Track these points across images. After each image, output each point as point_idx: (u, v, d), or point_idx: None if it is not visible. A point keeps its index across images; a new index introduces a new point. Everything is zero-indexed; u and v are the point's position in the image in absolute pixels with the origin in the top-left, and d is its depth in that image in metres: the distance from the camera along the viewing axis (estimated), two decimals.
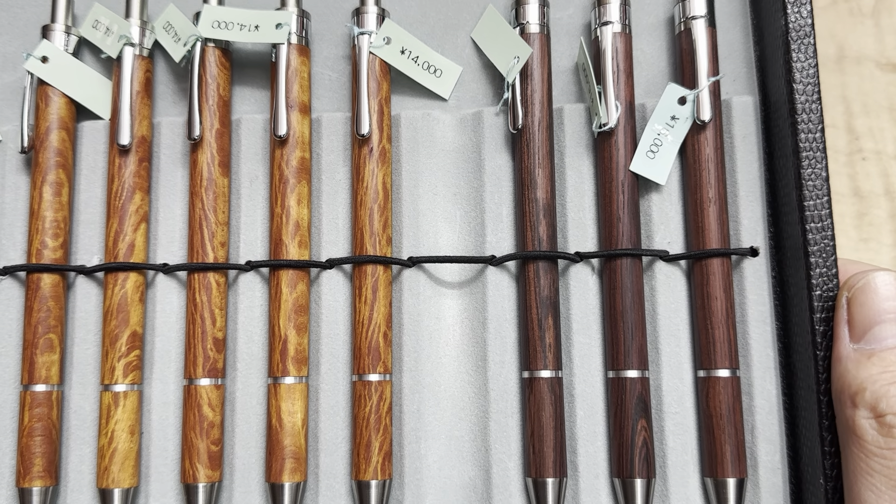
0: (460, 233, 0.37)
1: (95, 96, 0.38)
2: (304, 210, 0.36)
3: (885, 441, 0.27)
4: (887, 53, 0.45)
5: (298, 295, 0.35)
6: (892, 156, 0.44)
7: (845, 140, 0.45)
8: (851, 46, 0.45)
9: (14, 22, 0.40)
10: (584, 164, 0.36)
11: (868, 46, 0.46)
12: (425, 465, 0.35)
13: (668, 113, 0.35)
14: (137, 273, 0.36)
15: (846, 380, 0.29)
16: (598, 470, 0.34)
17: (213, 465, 0.35)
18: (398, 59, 0.37)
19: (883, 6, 0.45)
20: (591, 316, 0.35)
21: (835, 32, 0.45)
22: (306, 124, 0.37)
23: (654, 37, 0.38)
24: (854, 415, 0.28)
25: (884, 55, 0.45)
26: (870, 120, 0.45)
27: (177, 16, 0.38)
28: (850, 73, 0.45)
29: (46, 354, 0.36)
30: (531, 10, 0.37)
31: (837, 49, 0.45)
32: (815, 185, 0.33)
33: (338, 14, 0.39)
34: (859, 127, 0.45)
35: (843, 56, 0.45)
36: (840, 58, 0.45)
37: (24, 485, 0.35)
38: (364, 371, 0.35)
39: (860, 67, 0.45)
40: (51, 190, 0.37)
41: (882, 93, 0.45)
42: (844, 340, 0.30)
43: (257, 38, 0.37)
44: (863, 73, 0.45)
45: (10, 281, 0.37)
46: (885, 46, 0.45)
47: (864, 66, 0.45)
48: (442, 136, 0.37)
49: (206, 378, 0.35)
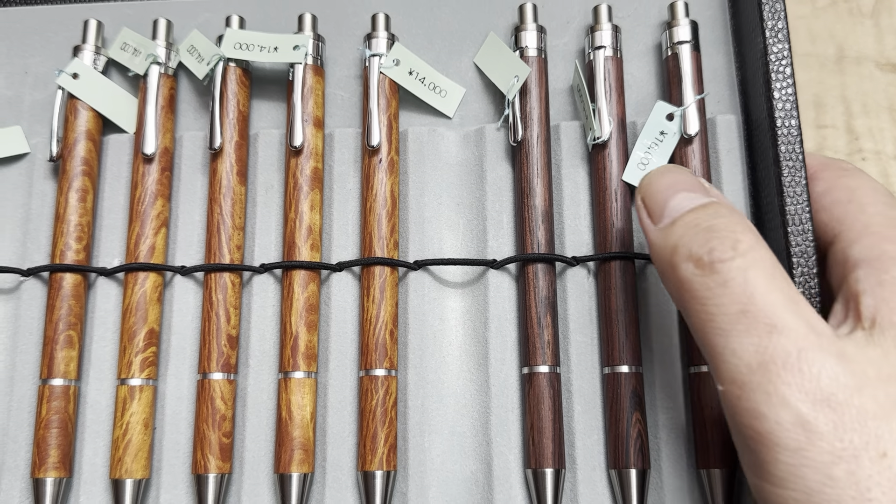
0: (463, 238, 0.39)
1: (121, 111, 0.41)
2: (316, 216, 0.38)
3: (710, 279, 0.28)
4: (887, 54, 0.45)
5: (309, 295, 0.37)
6: (891, 156, 0.45)
7: (845, 140, 0.45)
8: (851, 47, 0.46)
9: (47, 45, 0.43)
10: (579, 174, 0.39)
11: (868, 47, 0.46)
12: (429, 458, 0.36)
13: (658, 128, 0.38)
14: (157, 274, 0.38)
15: (662, 252, 0.30)
16: (596, 462, 0.36)
17: (223, 457, 0.36)
18: (406, 80, 0.40)
19: (883, 6, 0.46)
20: (587, 315, 0.37)
21: (835, 33, 0.45)
22: (320, 137, 0.39)
23: (644, 62, 0.41)
24: (678, 274, 0.29)
25: (883, 55, 0.45)
26: (870, 120, 0.45)
27: (200, 39, 0.40)
28: (849, 73, 0.45)
29: (66, 350, 0.37)
30: (529, 36, 0.40)
31: (837, 49, 0.46)
32: (795, 192, 0.35)
33: (350, 40, 0.42)
34: (859, 127, 0.45)
35: (842, 56, 0.46)
36: (840, 58, 0.45)
37: (39, 475, 0.36)
38: (371, 366, 0.36)
39: (860, 68, 0.45)
40: (76, 196, 0.39)
41: (882, 93, 0.45)
42: (650, 227, 0.31)
43: (276, 59, 0.40)
44: (863, 74, 0.45)
45: (33, 281, 0.39)
46: (885, 47, 0.46)
47: (864, 67, 0.45)
48: (446, 150, 0.40)
49: (220, 373, 0.37)
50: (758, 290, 0.27)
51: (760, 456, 0.26)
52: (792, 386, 0.26)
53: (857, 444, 0.25)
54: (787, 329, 0.27)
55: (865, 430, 0.25)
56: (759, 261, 0.28)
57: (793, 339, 0.26)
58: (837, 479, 0.25)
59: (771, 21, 0.37)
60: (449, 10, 0.42)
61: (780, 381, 0.26)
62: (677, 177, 0.32)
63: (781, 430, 0.26)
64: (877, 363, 0.26)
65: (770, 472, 0.26)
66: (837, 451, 0.25)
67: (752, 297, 0.27)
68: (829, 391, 0.26)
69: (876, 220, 0.31)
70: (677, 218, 0.30)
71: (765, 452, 0.26)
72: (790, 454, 0.25)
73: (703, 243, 0.28)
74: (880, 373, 0.26)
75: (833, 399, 0.26)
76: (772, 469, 0.26)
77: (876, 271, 0.29)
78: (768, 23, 0.36)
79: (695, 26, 0.39)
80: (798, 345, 0.26)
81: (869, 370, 0.26)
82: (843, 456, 0.25)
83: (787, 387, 0.26)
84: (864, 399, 0.26)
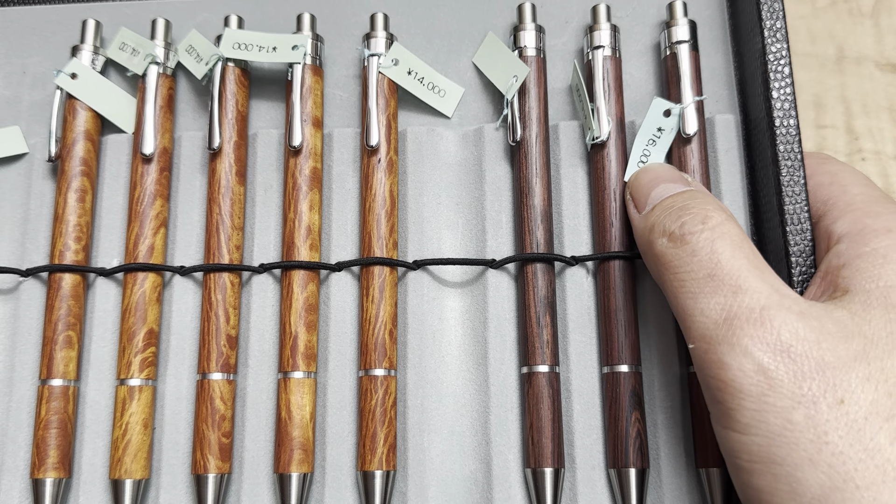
0: (462, 238, 0.39)
1: (120, 111, 0.41)
2: (315, 216, 0.38)
3: (681, 249, 0.31)
4: (887, 54, 0.46)
5: (309, 295, 0.37)
6: (891, 156, 0.45)
7: (845, 140, 0.46)
8: (851, 47, 0.46)
9: (45, 45, 0.43)
10: (578, 174, 0.39)
11: (868, 47, 0.46)
12: (428, 458, 0.36)
13: (655, 125, 0.38)
14: (156, 274, 0.38)
15: (643, 233, 0.33)
16: (595, 461, 0.36)
17: (223, 457, 0.36)
18: (405, 79, 0.40)
19: (882, 6, 0.46)
20: (586, 315, 0.37)
21: (834, 33, 0.46)
22: (319, 137, 0.39)
23: (642, 62, 0.41)
24: (654, 249, 0.32)
25: (883, 55, 0.46)
26: (869, 120, 0.45)
27: (199, 39, 0.40)
28: (849, 73, 0.46)
29: (65, 350, 0.37)
30: (528, 36, 0.40)
31: (837, 49, 0.46)
32: (794, 191, 0.35)
33: (348, 40, 0.42)
34: (859, 127, 0.45)
35: (842, 56, 0.46)
36: (840, 58, 0.46)
37: (38, 476, 0.36)
38: (370, 366, 0.36)
39: (860, 68, 0.46)
40: (75, 196, 0.39)
41: (882, 93, 0.46)
42: (635, 216, 0.35)
43: (275, 59, 0.40)
44: (862, 74, 0.46)
45: (32, 281, 0.39)
46: (885, 47, 0.46)
47: (864, 67, 0.46)
48: (445, 150, 0.40)
49: (219, 373, 0.37)
50: (724, 256, 0.30)
51: (726, 404, 0.28)
52: (754, 338, 0.28)
53: (815, 391, 0.27)
54: (751, 290, 0.29)
55: (823, 378, 0.27)
56: (727, 234, 0.30)
57: (756, 298, 0.29)
58: (797, 423, 0.27)
59: (769, 21, 0.37)
60: (448, 10, 0.42)
61: (743, 333, 0.28)
62: (660, 171, 0.35)
63: (744, 376, 0.28)
64: (841, 321, 0.28)
65: (735, 419, 0.28)
66: (797, 397, 0.27)
67: (719, 262, 0.30)
68: (788, 343, 0.28)
69: (858, 198, 0.33)
70: (657, 204, 0.33)
71: (729, 400, 0.28)
72: (752, 400, 0.28)
73: (675, 220, 0.31)
74: (843, 330, 0.28)
75: (792, 350, 0.28)
76: (737, 416, 0.28)
77: (856, 244, 0.31)
78: (767, 22, 0.37)
79: (693, 26, 0.39)
80: (761, 303, 0.28)
81: (831, 327, 0.28)
82: (802, 402, 0.27)
83: (749, 339, 0.28)
84: (823, 352, 0.27)
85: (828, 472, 0.26)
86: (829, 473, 0.26)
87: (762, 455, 0.27)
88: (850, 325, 0.28)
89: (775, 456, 0.27)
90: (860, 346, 0.28)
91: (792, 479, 0.27)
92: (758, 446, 0.27)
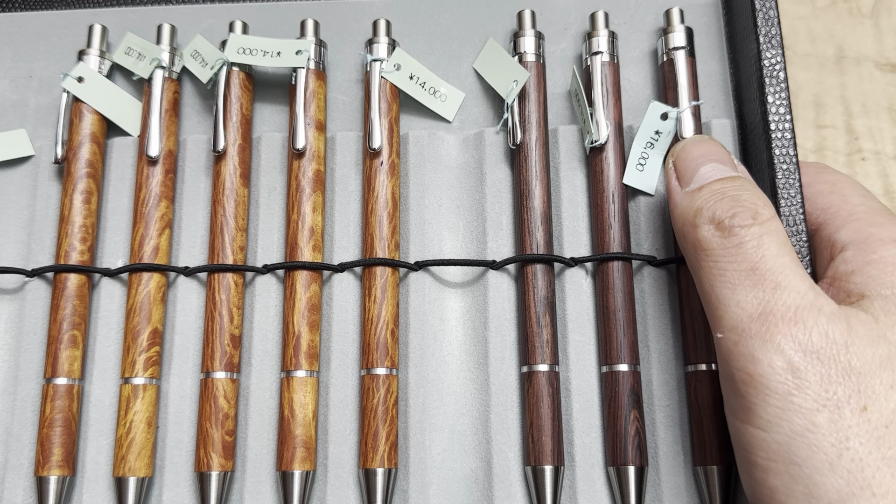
0: (463, 240, 0.40)
1: (126, 114, 0.41)
2: (318, 217, 0.39)
3: (727, 240, 0.31)
4: (886, 54, 0.46)
5: (311, 295, 0.38)
6: (891, 156, 0.45)
7: (844, 140, 0.46)
8: (851, 47, 0.47)
9: (52, 49, 0.43)
10: (577, 177, 0.39)
11: (867, 47, 0.47)
12: (429, 456, 0.36)
13: (653, 128, 0.38)
14: (160, 274, 0.39)
15: (686, 214, 0.33)
16: (594, 459, 0.36)
17: (226, 455, 0.36)
18: (407, 84, 0.41)
19: (882, 6, 0.47)
20: (586, 315, 0.38)
21: (834, 33, 0.46)
22: (322, 140, 0.40)
23: (640, 67, 0.42)
24: (697, 234, 0.32)
25: (883, 55, 0.46)
26: (869, 120, 0.46)
27: (204, 44, 0.41)
28: (849, 73, 0.46)
29: (70, 350, 0.38)
30: (528, 42, 0.40)
31: (837, 49, 0.46)
32: (789, 195, 0.36)
33: (351, 45, 0.43)
34: (859, 127, 0.46)
35: (842, 56, 0.46)
36: (839, 58, 0.46)
37: (43, 474, 0.36)
38: (372, 365, 0.37)
39: (859, 68, 0.46)
40: (81, 198, 0.39)
41: (881, 93, 0.46)
42: (677, 189, 0.34)
43: (279, 63, 0.40)
44: (862, 74, 0.46)
45: (37, 282, 0.39)
46: (885, 47, 0.46)
47: (864, 67, 0.46)
48: (446, 153, 0.41)
49: (223, 372, 0.37)
50: (769, 252, 0.30)
51: (749, 398, 0.29)
52: (787, 336, 0.28)
53: (840, 396, 0.27)
54: (791, 288, 0.29)
55: (849, 383, 0.27)
56: (774, 231, 0.31)
57: (794, 296, 0.29)
58: (820, 425, 0.27)
59: (765, 27, 0.37)
60: (449, 17, 0.43)
61: (777, 330, 0.28)
62: (710, 147, 0.35)
63: (773, 373, 0.28)
64: (867, 324, 0.29)
65: (757, 414, 0.28)
66: (822, 400, 0.27)
67: (764, 257, 0.30)
68: (819, 345, 0.28)
69: (860, 208, 0.34)
70: (705, 185, 0.33)
71: (754, 394, 0.28)
72: (778, 398, 0.28)
73: (726, 210, 0.31)
74: (870, 333, 0.29)
75: (822, 353, 0.28)
76: (760, 412, 0.28)
77: (864, 252, 0.32)
78: (762, 29, 0.37)
79: (690, 33, 0.40)
80: (798, 302, 0.29)
81: (859, 329, 0.29)
82: (827, 405, 0.27)
83: (783, 336, 0.28)
84: (851, 356, 0.28)
85: (846, 477, 0.26)
86: (847, 479, 0.26)
87: (781, 454, 0.27)
88: (875, 329, 0.29)
89: (795, 456, 0.27)
90: (885, 351, 0.28)
91: (810, 482, 0.27)
92: (778, 444, 0.28)
